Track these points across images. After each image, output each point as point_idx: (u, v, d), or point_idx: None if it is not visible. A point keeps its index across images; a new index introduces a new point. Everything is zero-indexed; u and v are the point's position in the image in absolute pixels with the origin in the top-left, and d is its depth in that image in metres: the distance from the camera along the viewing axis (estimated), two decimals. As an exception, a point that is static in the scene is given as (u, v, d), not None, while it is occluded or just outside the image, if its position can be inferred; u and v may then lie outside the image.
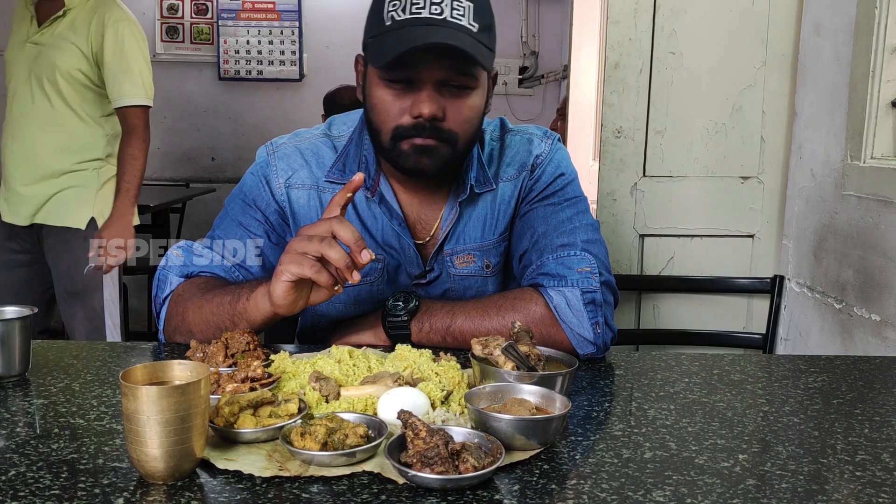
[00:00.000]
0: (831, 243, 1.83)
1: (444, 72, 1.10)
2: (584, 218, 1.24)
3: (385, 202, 1.24)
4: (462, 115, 1.14)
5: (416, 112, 1.11)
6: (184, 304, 1.17)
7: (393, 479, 0.73)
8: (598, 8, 3.52)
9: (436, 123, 1.12)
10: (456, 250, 1.27)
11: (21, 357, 1.01)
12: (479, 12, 1.10)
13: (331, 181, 1.25)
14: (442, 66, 1.09)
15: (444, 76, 1.11)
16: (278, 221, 1.26)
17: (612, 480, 0.74)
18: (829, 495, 0.72)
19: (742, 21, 2.09)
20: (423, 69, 1.09)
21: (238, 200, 1.28)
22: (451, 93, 1.12)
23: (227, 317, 1.11)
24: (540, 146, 1.30)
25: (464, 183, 1.24)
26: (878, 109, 1.66)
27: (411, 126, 1.12)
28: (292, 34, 4.64)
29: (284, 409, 0.83)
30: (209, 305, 1.13)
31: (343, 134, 1.29)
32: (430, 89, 1.11)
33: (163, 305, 1.20)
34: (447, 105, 1.12)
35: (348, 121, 1.31)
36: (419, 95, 1.11)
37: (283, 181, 1.26)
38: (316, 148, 1.28)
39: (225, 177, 4.76)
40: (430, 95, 1.11)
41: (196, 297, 1.16)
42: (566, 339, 1.13)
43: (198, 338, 1.10)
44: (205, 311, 1.13)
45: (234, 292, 1.12)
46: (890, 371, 1.13)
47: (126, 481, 0.72)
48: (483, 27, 1.10)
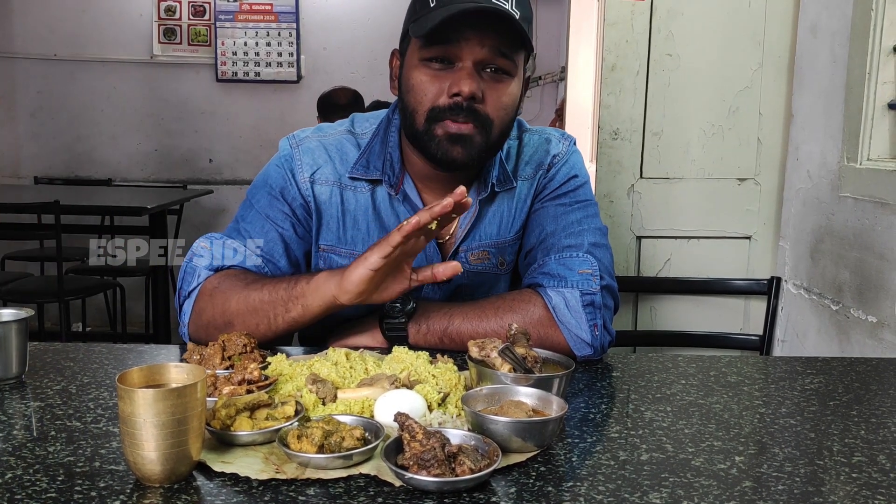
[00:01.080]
0: (828, 245, 1.83)
1: (486, 52, 1.10)
2: (592, 222, 1.25)
3: (409, 200, 1.24)
4: (500, 101, 1.14)
5: (455, 89, 1.11)
6: (223, 295, 1.14)
7: (389, 481, 0.73)
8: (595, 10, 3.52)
9: (473, 105, 1.12)
10: (472, 247, 1.28)
11: (18, 359, 1.00)
12: (521, 2, 1.11)
13: (354, 177, 1.25)
14: (484, 46, 1.10)
15: (485, 56, 1.11)
16: (303, 215, 1.25)
17: (609, 482, 0.74)
18: (825, 497, 0.73)
19: (738, 23, 2.09)
20: (463, 47, 1.10)
21: (264, 193, 1.26)
22: (491, 76, 1.13)
23: (280, 303, 1.09)
24: (558, 146, 1.31)
25: (485, 182, 1.24)
26: (874, 111, 1.67)
27: (448, 107, 1.12)
28: (290, 36, 4.64)
29: (281, 412, 0.83)
30: (258, 294, 1.11)
31: (366, 131, 1.29)
32: (469, 68, 1.11)
33: (188, 299, 1.18)
34: (486, 88, 1.13)
35: (371, 118, 1.31)
36: (458, 74, 1.11)
37: (308, 175, 1.25)
38: (340, 144, 1.28)
39: (222, 178, 4.76)
40: (470, 74, 1.11)
41: (238, 287, 1.13)
42: (564, 340, 1.13)
43: (238, 329, 1.09)
44: (252, 300, 1.11)
45: (288, 280, 1.11)
46: (886, 373, 1.13)
47: (123, 484, 0.72)
48: (524, 17, 1.11)
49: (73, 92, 4.65)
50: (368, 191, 1.25)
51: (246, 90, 4.70)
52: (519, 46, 1.13)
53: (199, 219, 4.62)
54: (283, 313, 1.09)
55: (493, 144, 1.18)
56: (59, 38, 4.60)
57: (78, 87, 4.65)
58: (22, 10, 4.58)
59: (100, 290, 3.72)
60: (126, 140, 4.72)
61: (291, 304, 1.09)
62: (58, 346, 1.16)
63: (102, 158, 4.73)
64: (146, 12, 4.62)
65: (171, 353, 1.18)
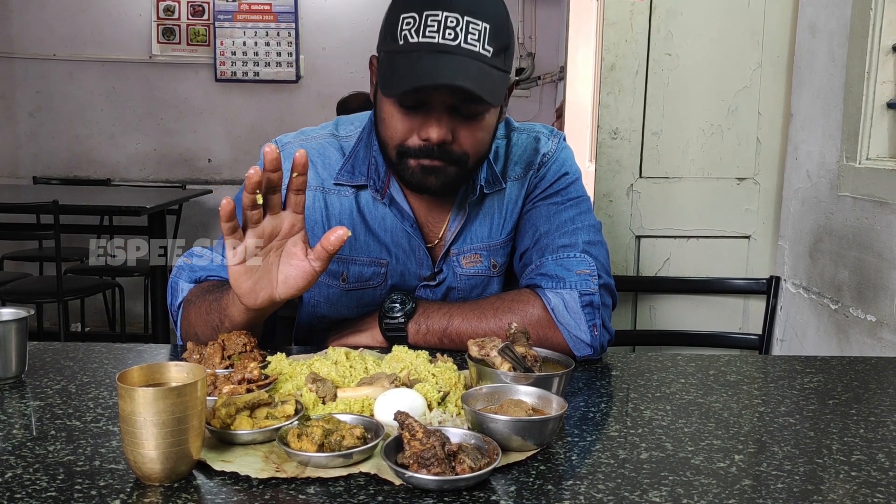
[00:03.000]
0: (827, 244, 1.83)
1: (455, 100, 1.07)
2: (586, 218, 1.24)
3: (395, 204, 1.23)
4: (473, 138, 1.12)
5: (425, 136, 1.08)
6: (188, 308, 1.16)
7: (389, 480, 0.73)
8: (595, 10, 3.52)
9: (444, 147, 1.10)
10: (463, 250, 1.27)
11: (17, 359, 1.00)
12: (494, 34, 1.05)
13: (340, 183, 1.24)
14: (454, 95, 1.07)
15: (456, 103, 1.08)
16: None
17: (609, 481, 0.74)
18: (824, 495, 0.73)
19: (738, 22, 2.09)
20: (434, 96, 1.07)
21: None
22: (463, 117, 1.10)
23: (216, 315, 1.10)
24: (547, 144, 1.30)
25: (473, 184, 1.23)
26: (873, 111, 1.67)
27: (419, 147, 1.10)
28: (289, 36, 4.64)
29: (281, 411, 0.83)
30: (205, 305, 1.12)
31: (351, 134, 1.28)
32: (439, 113, 1.08)
33: (178, 313, 1.20)
34: (458, 128, 1.10)
35: (356, 121, 1.30)
36: (428, 119, 1.08)
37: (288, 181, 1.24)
38: (322, 148, 1.26)
39: (221, 178, 4.76)
40: (438, 120, 1.08)
41: (198, 300, 1.15)
42: (563, 340, 1.13)
43: (203, 342, 1.08)
44: (202, 311, 1.13)
45: (224, 290, 1.09)
46: (885, 371, 1.13)
47: (123, 483, 0.72)
48: (498, 49, 1.06)
49: (72, 92, 4.65)
50: (352, 194, 1.24)
51: (245, 90, 4.70)
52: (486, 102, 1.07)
53: (198, 219, 4.62)
54: (219, 325, 1.09)
55: (469, 171, 1.16)
56: (58, 37, 4.60)
57: (77, 86, 4.65)
58: (21, 9, 4.58)
59: (99, 290, 3.72)
60: (125, 140, 4.72)
61: (223, 317, 1.08)
62: (57, 345, 1.16)
63: (101, 158, 4.73)
64: (145, 12, 4.62)
65: (171, 352, 1.18)
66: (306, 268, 0.99)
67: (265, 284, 0.99)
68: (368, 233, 1.24)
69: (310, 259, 0.99)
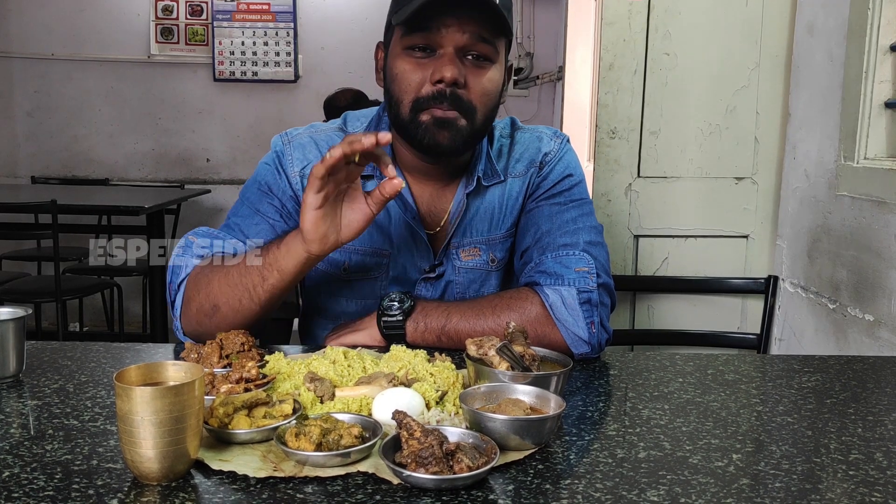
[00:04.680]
0: (825, 244, 1.83)
1: (466, 38, 1.12)
2: (588, 220, 1.25)
3: (399, 195, 1.24)
4: (482, 87, 1.16)
5: (438, 76, 1.12)
6: (207, 277, 1.14)
7: (388, 479, 0.73)
8: (593, 9, 3.52)
9: (456, 91, 1.13)
10: (462, 243, 1.28)
11: (15, 358, 1.00)
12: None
13: None
14: (464, 32, 1.11)
15: (466, 42, 1.12)
16: (294, 208, 1.25)
17: (607, 480, 0.74)
18: (822, 494, 0.73)
19: (736, 22, 2.09)
20: (444, 34, 1.12)
21: (253, 189, 1.27)
22: (472, 63, 1.14)
23: (256, 273, 1.09)
24: (549, 144, 1.31)
25: (472, 175, 1.25)
26: (871, 110, 1.67)
27: (432, 95, 1.14)
28: (287, 35, 4.64)
29: (279, 410, 0.83)
30: (236, 268, 1.11)
31: (358, 129, 1.30)
32: (451, 54, 1.13)
33: (178, 291, 1.17)
34: (468, 74, 1.14)
35: (362, 116, 1.32)
36: (440, 61, 1.13)
37: (299, 170, 1.25)
38: (331, 140, 1.28)
39: (220, 178, 4.76)
40: (451, 60, 1.13)
41: (219, 267, 1.13)
42: (561, 338, 1.13)
43: (224, 311, 1.09)
44: (232, 275, 1.11)
45: (263, 248, 1.12)
46: (883, 371, 1.13)
47: (120, 482, 0.72)
48: (504, 4, 1.12)
49: (71, 91, 4.65)
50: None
51: (243, 90, 4.69)
52: (499, 32, 1.15)
53: (197, 218, 4.62)
54: (261, 283, 1.09)
55: (477, 131, 1.19)
56: (57, 37, 4.59)
57: (75, 86, 4.65)
58: (19, 9, 4.57)
59: (97, 289, 3.71)
60: (123, 140, 4.72)
61: (267, 272, 1.09)
62: (55, 344, 1.16)
63: (100, 158, 4.72)
64: (143, 12, 4.62)
65: (169, 351, 1.18)
66: (366, 211, 1.05)
67: (332, 228, 1.05)
68: (373, 223, 1.25)
69: (369, 203, 1.05)
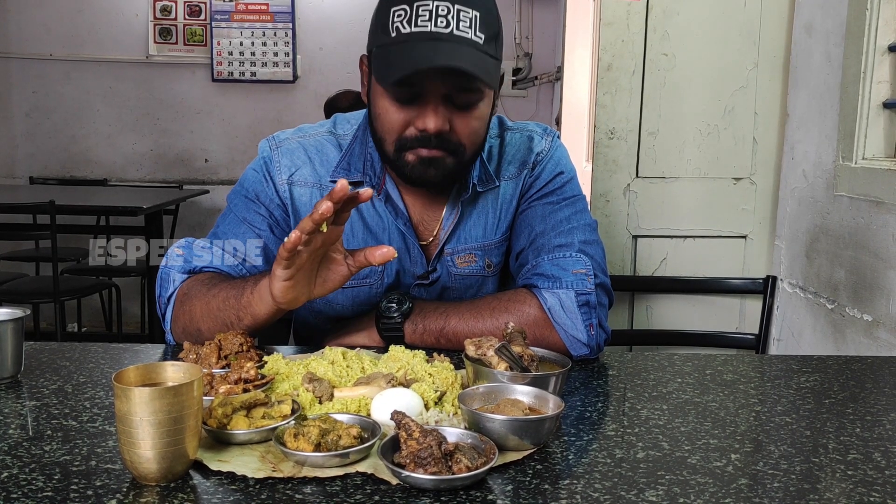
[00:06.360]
0: (823, 244, 1.83)
1: (450, 88, 1.09)
2: (582, 218, 1.24)
3: (391, 201, 1.23)
4: (469, 127, 1.13)
5: (422, 126, 1.09)
6: (190, 301, 1.14)
7: (386, 479, 0.73)
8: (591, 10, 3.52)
9: (442, 136, 1.11)
10: (457, 249, 1.27)
11: (13, 359, 1.00)
12: (485, 21, 1.07)
13: (335, 181, 1.24)
14: (447, 83, 1.08)
15: (450, 91, 1.09)
16: (282, 216, 1.25)
17: (605, 480, 0.74)
18: (820, 494, 0.73)
19: (734, 22, 2.09)
20: (428, 86, 1.08)
21: (240, 197, 1.26)
22: (458, 105, 1.11)
23: (232, 312, 1.08)
24: (540, 143, 1.30)
25: (466, 182, 1.23)
26: (869, 110, 1.67)
27: (416, 138, 1.11)
28: (286, 36, 4.63)
29: (278, 411, 0.83)
30: (216, 301, 1.10)
31: (347, 132, 1.28)
32: (435, 103, 1.09)
33: (168, 305, 1.17)
34: (454, 118, 1.11)
35: (352, 119, 1.30)
36: (424, 109, 1.09)
37: (286, 177, 1.24)
38: (320, 145, 1.27)
39: (218, 178, 4.75)
40: (435, 109, 1.09)
41: (202, 293, 1.13)
42: (560, 340, 1.13)
43: (206, 337, 1.07)
44: (212, 307, 1.11)
45: (239, 286, 1.09)
46: (881, 371, 1.14)
47: (119, 483, 0.72)
48: (490, 37, 1.08)
49: (69, 92, 4.64)
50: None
51: (242, 90, 4.69)
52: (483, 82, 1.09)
53: (195, 219, 4.62)
54: (237, 322, 1.08)
55: (467, 163, 1.17)
56: (55, 37, 4.59)
57: (74, 86, 4.64)
58: (18, 9, 4.56)
59: (95, 290, 3.71)
60: (122, 140, 4.71)
61: (242, 313, 1.07)
62: (54, 345, 1.16)
63: (98, 158, 4.72)
64: (142, 12, 4.61)
65: (167, 352, 1.18)
66: (344, 271, 1.02)
67: (305, 290, 1.02)
68: (366, 230, 1.25)
69: (348, 263, 1.02)
